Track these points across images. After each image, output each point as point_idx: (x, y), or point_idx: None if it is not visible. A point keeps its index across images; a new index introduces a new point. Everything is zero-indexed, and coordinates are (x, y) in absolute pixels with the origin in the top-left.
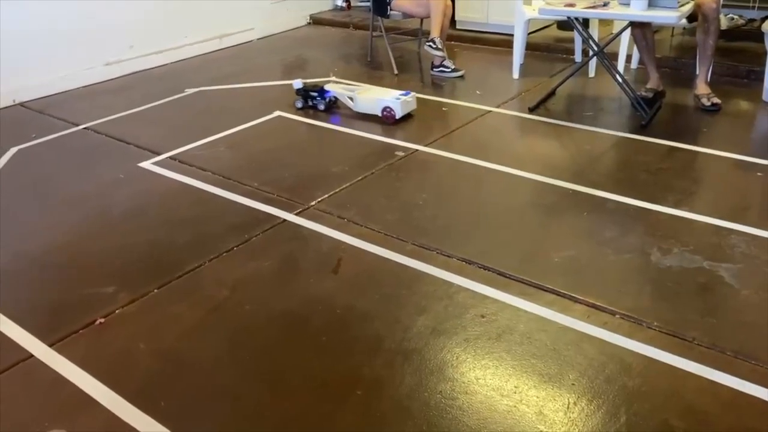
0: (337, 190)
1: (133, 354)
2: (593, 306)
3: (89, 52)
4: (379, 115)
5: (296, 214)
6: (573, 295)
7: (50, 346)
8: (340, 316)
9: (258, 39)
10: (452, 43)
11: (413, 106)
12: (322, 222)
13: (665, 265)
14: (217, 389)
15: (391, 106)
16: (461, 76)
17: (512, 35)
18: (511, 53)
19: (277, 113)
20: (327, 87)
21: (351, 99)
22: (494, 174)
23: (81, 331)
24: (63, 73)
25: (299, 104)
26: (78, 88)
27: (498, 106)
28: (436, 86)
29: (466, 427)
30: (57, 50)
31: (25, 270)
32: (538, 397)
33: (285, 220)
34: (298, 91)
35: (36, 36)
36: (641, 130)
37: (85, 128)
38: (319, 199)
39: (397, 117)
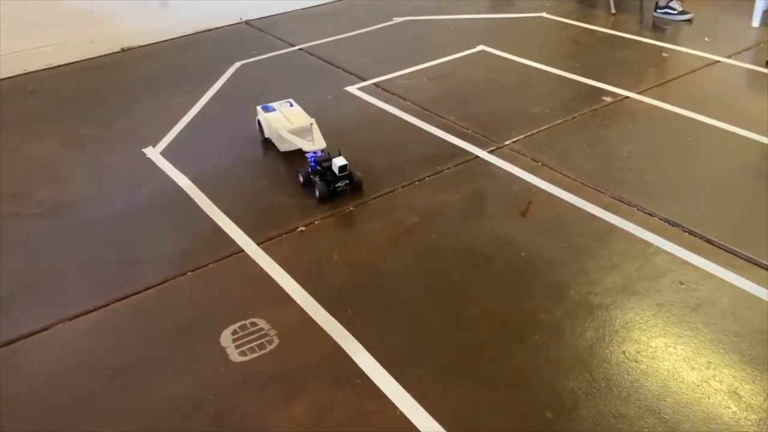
0: (534, 131)
1: (327, 262)
2: None
3: None
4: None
5: (489, 152)
6: None
7: (258, 244)
8: (525, 259)
9: None
10: None
11: None
12: (514, 162)
13: None
14: (401, 307)
15: None
16: (689, 20)
17: None
18: None
19: (480, 47)
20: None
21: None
22: (714, 131)
23: (285, 235)
24: None
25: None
26: (296, 10)
27: (729, 57)
28: (658, 29)
29: (648, 391)
30: None
31: (241, 173)
32: (734, 377)
33: (477, 157)
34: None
35: None
36: None
37: (299, 49)
38: (515, 139)
39: None
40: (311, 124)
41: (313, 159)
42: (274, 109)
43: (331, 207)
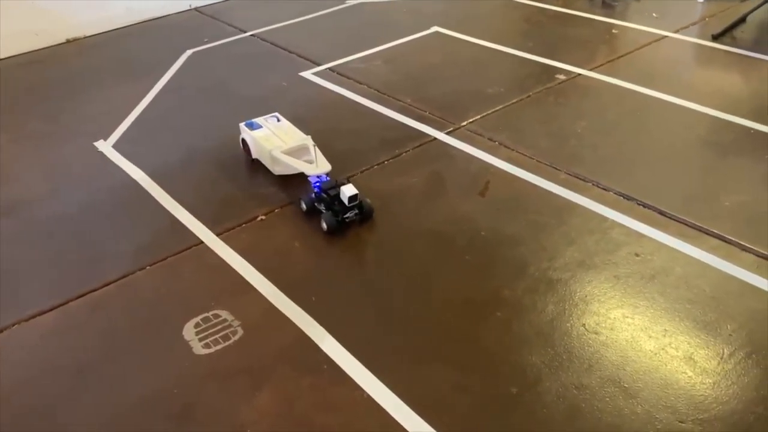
0: (490, 111)
1: (289, 250)
2: (764, 256)
3: None
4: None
5: (447, 134)
6: (741, 242)
7: (217, 235)
8: (485, 238)
9: None
10: None
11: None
12: (472, 143)
13: None
14: (365, 292)
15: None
16: None
17: None
18: None
19: (435, 29)
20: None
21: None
22: (664, 105)
23: (244, 225)
24: None
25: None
26: None
27: (676, 32)
28: (607, 7)
29: (608, 362)
30: None
31: (198, 164)
32: (689, 343)
33: (435, 139)
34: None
35: None
36: None
37: (252, 35)
38: (471, 120)
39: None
40: (313, 146)
41: (318, 185)
42: (261, 126)
43: (291, 195)
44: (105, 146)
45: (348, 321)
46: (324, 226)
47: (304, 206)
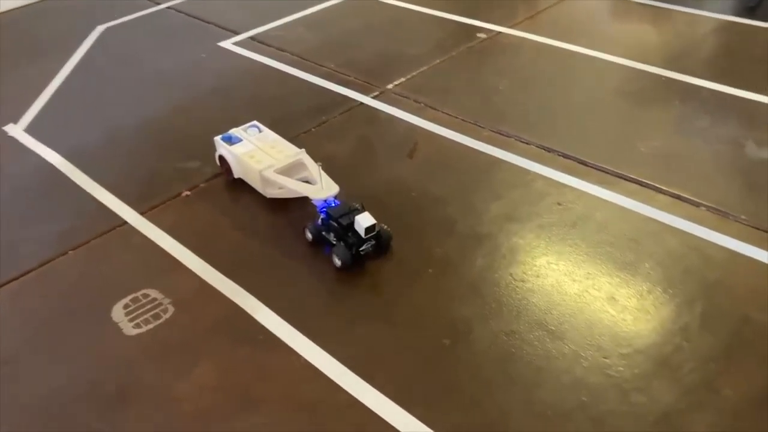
0: (414, 73)
1: (217, 224)
2: (678, 197)
3: None
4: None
5: (373, 98)
6: (657, 185)
7: (141, 214)
8: (414, 200)
9: None
10: None
11: None
12: (398, 106)
13: (760, 157)
14: (297, 260)
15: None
16: None
17: None
18: None
19: None
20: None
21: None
22: (582, 58)
23: (169, 202)
24: None
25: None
26: None
27: None
28: None
29: (535, 307)
30: None
31: (117, 143)
32: (610, 284)
33: (362, 103)
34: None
35: None
36: (749, 13)
37: (167, 7)
38: (396, 83)
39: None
40: (319, 165)
41: (324, 210)
42: (240, 139)
43: (214, 169)
44: (16, 130)
45: (280, 289)
46: (337, 261)
47: (309, 236)
